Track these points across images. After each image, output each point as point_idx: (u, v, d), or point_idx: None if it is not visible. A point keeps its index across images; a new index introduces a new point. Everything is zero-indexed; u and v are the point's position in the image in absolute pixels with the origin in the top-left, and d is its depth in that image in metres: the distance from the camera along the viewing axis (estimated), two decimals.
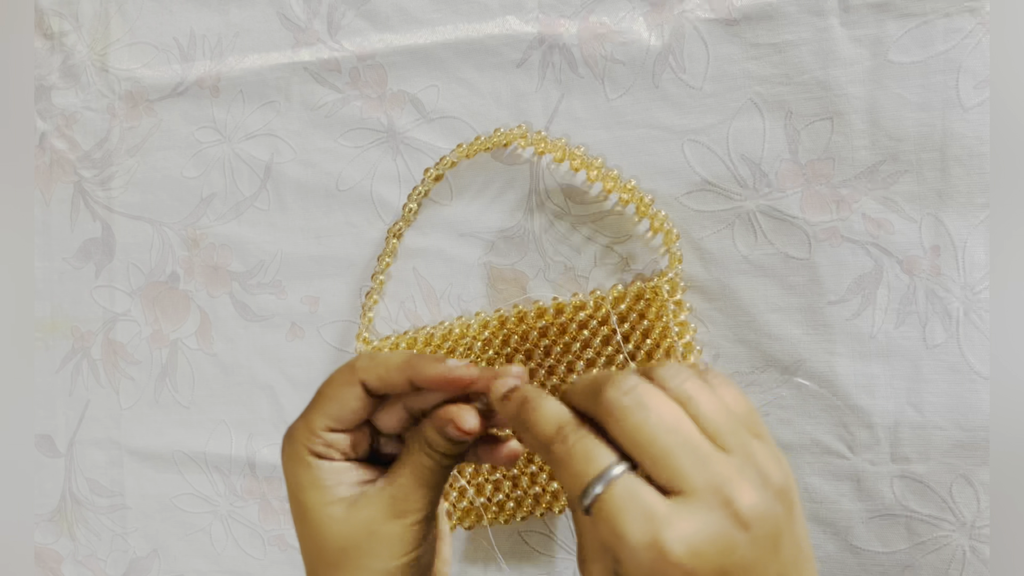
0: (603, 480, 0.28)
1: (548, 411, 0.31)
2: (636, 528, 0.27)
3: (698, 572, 0.27)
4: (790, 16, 0.45)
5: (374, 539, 0.34)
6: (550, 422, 0.31)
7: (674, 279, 0.47)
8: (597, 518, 0.28)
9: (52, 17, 0.59)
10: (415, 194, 0.51)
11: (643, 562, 0.27)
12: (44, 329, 0.61)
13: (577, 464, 0.29)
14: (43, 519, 0.61)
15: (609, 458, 0.29)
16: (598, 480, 0.28)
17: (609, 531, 0.28)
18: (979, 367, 0.44)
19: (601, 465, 0.29)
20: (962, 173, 0.44)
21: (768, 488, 0.28)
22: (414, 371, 0.34)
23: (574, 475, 0.29)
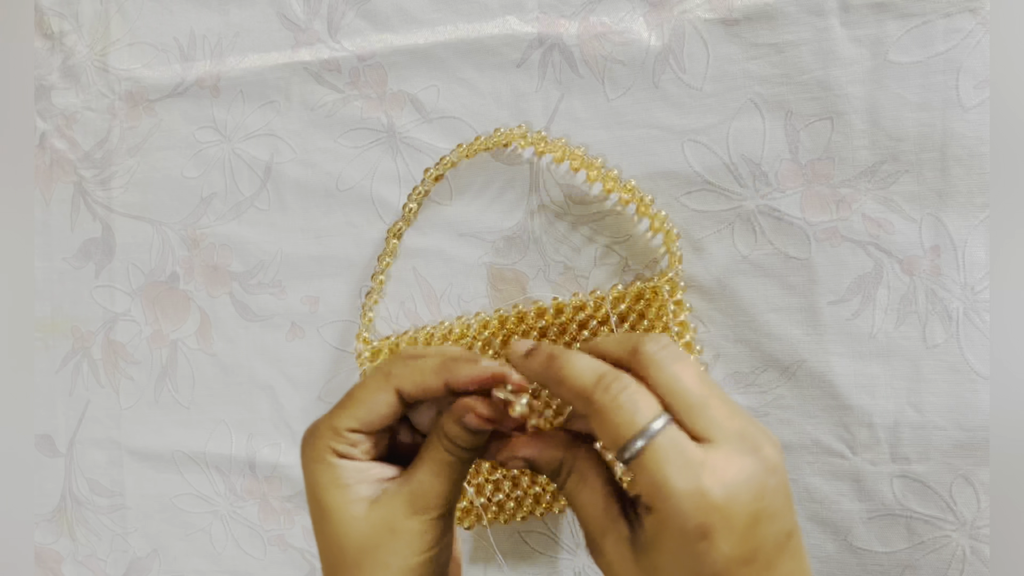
0: (649, 433, 0.29)
1: (583, 361, 0.32)
2: (680, 476, 0.28)
3: (735, 516, 0.28)
4: (790, 16, 0.45)
5: (395, 536, 0.34)
6: (588, 371, 0.31)
7: (674, 279, 0.47)
8: (639, 468, 0.29)
9: (52, 17, 0.59)
10: (415, 194, 0.51)
11: (686, 510, 0.28)
12: (44, 329, 0.61)
13: (624, 414, 0.30)
14: (43, 519, 0.61)
15: (654, 408, 0.30)
16: (644, 432, 0.29)
17: (651, 481, 0.29)
18: (979, 367, 0.44)
19: (648, 415, 0.30)
20: (962, 173, 0.44)
21: (775, 443, 0.30)
22: (451, 375, 0.34)
23: (619, 424, 0.30)
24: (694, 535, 0.28)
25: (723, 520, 0.28)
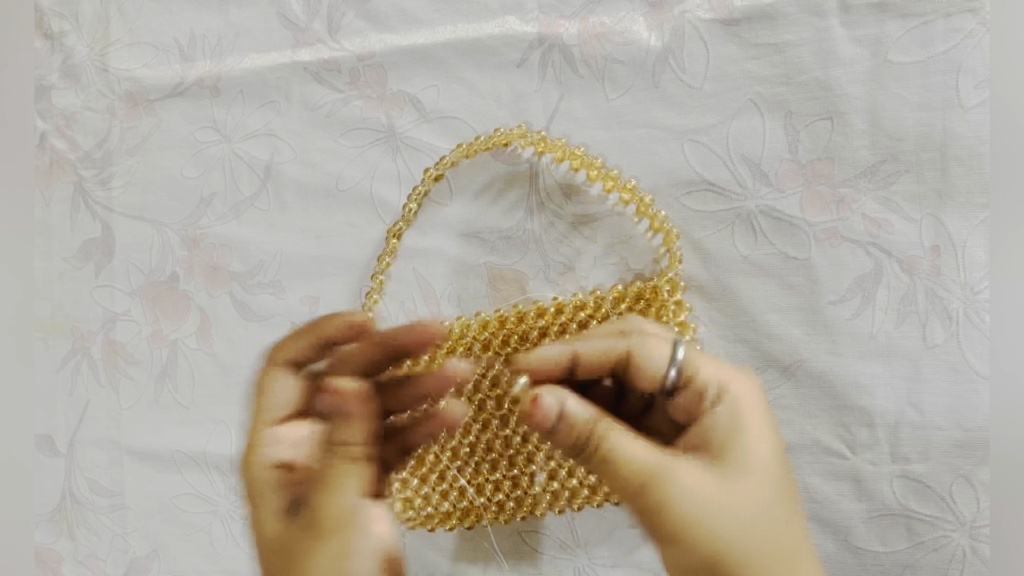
0: (679, 349, 0.33)
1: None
2: (733, 372, 0.33)
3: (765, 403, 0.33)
4: (790, 16, 0.45)
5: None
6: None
7: (674, 279, 0.47)
8: (692, 379, 0.32)
9: (52, 17, 0.59)
10: (415, 194, 0.51)
11: (752, 389, 0.33)
12: (44, 329, 0.61)
13: (653, 356, 0.33)
14: (43, 519, 0.61)
15: (670, 336, 0.34)
16: (673, 361, 0.33)
17: (716, 380, 0.32)
18: (979, 367, 0.44)
19: (671, 339, 0.33)
20: (962, 173, 0.44)
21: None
22: (315, 333, 0.36)
23: (655, 359, 0.33)
24: (764, 402, 0.33)
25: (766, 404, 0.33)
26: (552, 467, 0.48)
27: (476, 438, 0.50)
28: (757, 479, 0.31)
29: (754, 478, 0.31)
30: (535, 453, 0.49)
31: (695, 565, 0.31)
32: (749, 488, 0.31)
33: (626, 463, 0.32)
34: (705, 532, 0.30)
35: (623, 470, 0.32)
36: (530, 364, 0.34)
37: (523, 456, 0.49)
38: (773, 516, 0.32)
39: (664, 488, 0.31)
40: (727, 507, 0.31)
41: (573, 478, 0.48)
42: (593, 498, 0.48)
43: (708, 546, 0.30)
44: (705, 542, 0.30)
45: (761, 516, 0.31)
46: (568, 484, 0.48)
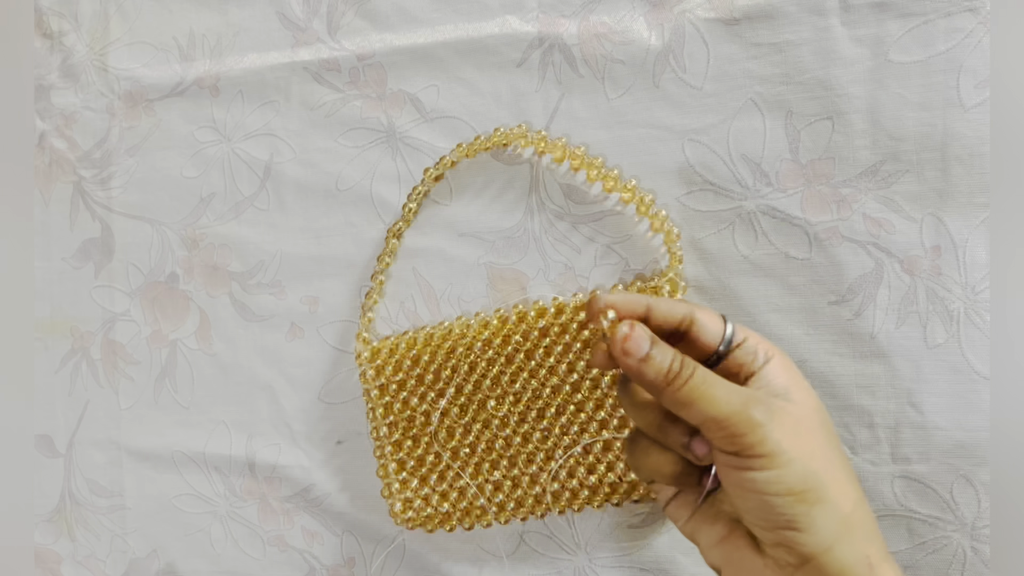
0: (726, 337, 0.37)
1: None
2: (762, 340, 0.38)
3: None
4: (791, 16, 0.45)
5: None
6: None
7: (674, 279, 0.47)
8: (746, 337, 0.37)
9: (51, 17, 0.59)
10: (415, 194, 0.51)
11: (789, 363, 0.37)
12: (43, 329, 0.61)
13: (710, 326, 0.37)
14: (42, 519, 0.61)
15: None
16: (727, 324, 0.37)
17: (760, 342, 0.37)
18: (980, 367, 0.44)
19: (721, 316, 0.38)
20: (963, 173, 0.44)
21: None
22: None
23: (715, 314, 0.37)
24: (800, 372, 0.38)
25: None
26: (554, 468, 0.48)
27: (476, 438, 0.50)
28: (821, 414, 0.36)
29: (819, 413, 0.35)
30: (535, 453, 0.49)
31: (793, 483, 0.33)
32: (818, 418, 0.35)
33: (723, 388, 0.34)
34: (804, 450, 0.33)
35: (721, 393, 0.34)
36: (615, 302, 0.37)
37: (523, 456, 0.49)
38: (837, 443, 0.36)
39: (763, 407, 0.34)
40: (812, 430, 0.34)
41: (574, 478, 0.48)
42: (593, 499, 0.48)
43: (807, 464, 0.33)
44: (804, 459, 0.33)
45: (831, 441, 0.35)
46: (568, 485, 0.48)
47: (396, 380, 0.51)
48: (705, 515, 0.39)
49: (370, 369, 0.51)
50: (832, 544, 0.33)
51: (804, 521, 0.33)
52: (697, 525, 0.39)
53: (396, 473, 0.51)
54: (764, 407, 0.34)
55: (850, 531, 0.33)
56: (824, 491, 0.33)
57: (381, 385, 0.51)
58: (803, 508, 0.33)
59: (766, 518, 0.34)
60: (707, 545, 0.38)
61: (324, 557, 0.55)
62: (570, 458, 0.48)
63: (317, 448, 0.55)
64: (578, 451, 0.48)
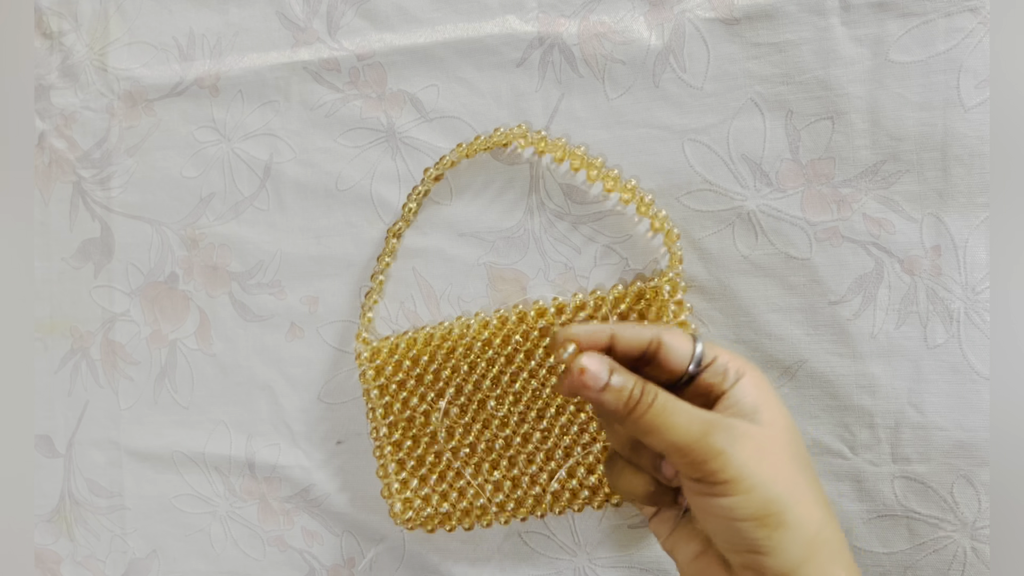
0: (699, 344, 0.37)
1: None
2: (733, 355, 0.37)
3: None
4: (791, 15, 0.45)
5: None
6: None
7: (674, 279, 0.47)
8: (717, 354, 0.37)
9: (51, 17, 0.59)
10: (415, 194, 0.51)
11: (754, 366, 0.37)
12: (43, 329, 0.61)
13: (679, 345, 0.36)
14: (42, 520, 0.61)
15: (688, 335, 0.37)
16: (696, 345, 0.37)
17: (730, 358, 0.36)
18: (980, 367, 0.44)
19: (690, 336, 0.37)
20: (963, 173, 0.44)
21: None
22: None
23: (684, 334, 0.37)
24: (772, 386, 0.37)
25: None
26: (552, 467, 0.48)
27: (476, 438, 0.50)
28: (790, 436, 0.35)
29: (787, 433, 0.35)
30: (535, 453, 0.49)
31: (755, 509, 0.33)
32: (786, 439, 0.35)
33: (683, 414, 0.34)
34: (765, 475, 0.33)
35: (681, 421, 0.34)
36: (577, 335, 0.37)
37: (523, 456, 0.49)
38: (806, 465, 0.35)
39: (724, 433, 0.34)
40: (776, 454, 0.34)
41: (574, 479, 0.48)
42: (593, 499, 0.48)
43: (769, 489, 0.33)
44: (766, 484, 0.33)
45: (798, 463, 0.35)
46: (568, 485, 0.48)
47: (396, 380, 0.51)
48: (682, 533, 0.39)
49: (370, 369, 0.51)
50: (797, 566, 0.33)
51: (767, 545, 0.33)
52: (675, 542, 0.39)
53: (396, 473, 0.51)
54: (725, 433, 0.34)
55: (816, 553, 0.33)
56: (787, 515, 0.33)
57: (381, 385, 0.51)
58: (766, 532, 0.33)
59: (731, 541, 0.34)
60: (683, 562, 0.39)
61: (324, 557, 0.55)
62: (570, 459, 0.48)
63: (317, 448, 0.55)
64: (579, 452, 0.48)
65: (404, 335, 0.51)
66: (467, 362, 0.49)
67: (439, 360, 0.50)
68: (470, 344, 0.49)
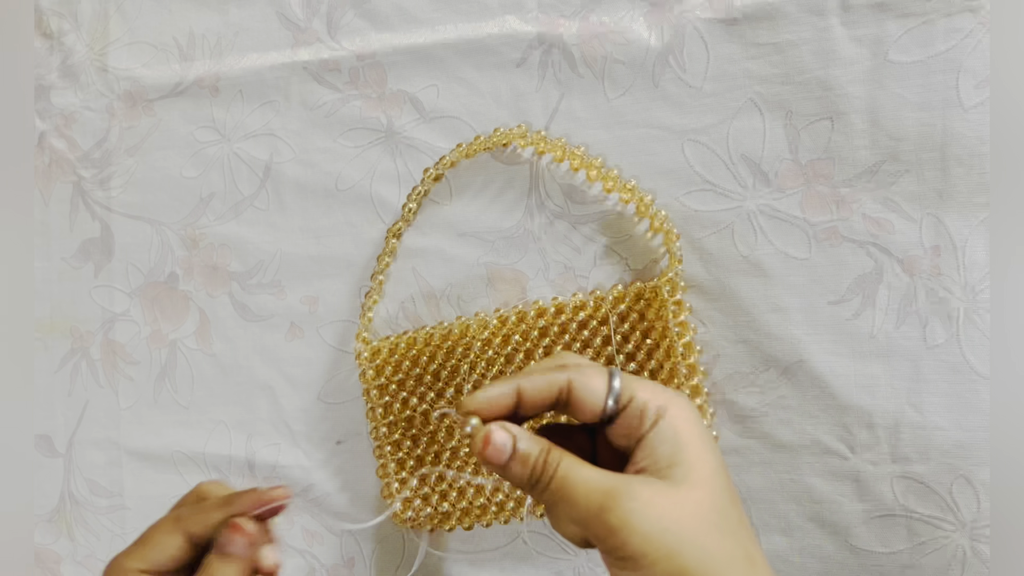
0: (616, 375, 0.35)
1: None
2: (665, 392, 0.35)
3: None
4: (790, 16, 0.45)
5: None
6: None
7: (674, 279, 0.47)
8: (632, 399, 0.34)
9: (51, 17, 0.59)
10: (415, 194, 0.51)
11: (688, 405, 0.35)
12: (43, 329, 0.61)
13: (590, 387, 0.34)
14: (42, 519, 0.61)
15: (603, 367, 0.36)
16: (611, 388, 0.34)
17: (653, 397, 0.34)
18: (979, 367, 0.44)
19: (606, 369, 0.35)
20: (962, 173, 0.44)
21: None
22: (233, 506, 0.37)
23: (597, 375, 0.35)
24: (701, 426, 0.34)
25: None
26: None
27: None
28: (706, 490, 0.32)
29: (703, 489, 0.32)
30: None
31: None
32: (700, 499, 0.32)
33: (582, 486, 0.33)
34: (669, 547, 0.31)
35: (580, 494, 0.32)
36: (478, 404, 0.35)
37: None
38: (726, 526, 0.32)
39: (623, 505, 0.31)
40: (684, 520, 0.32)
41: None
42: None
43: (674, 561, 0.31)
44: (670, 557, 0.31)
45: (715, 527, 0.32)
46: None
47: (396, 380, 0.51)
48: None
49: (370, 369, 0.51)
50: None
51: None
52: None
53: (396, 473, 0.51)
54: (622, 510, 0.31)
55: None
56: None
57: (381, 385, 0.51)
58: None
59: None
60: None
61: (324, 557, 0.55)
62: None
63: (317, 448, 0.55)
64: None
65: (404, 335, 0.51)
66: (467, 362, 0.49)
67: (439, 360, 0.50)
68: (470, 344, 0.49)
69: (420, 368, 0.50)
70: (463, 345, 0.50)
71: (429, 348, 0.50)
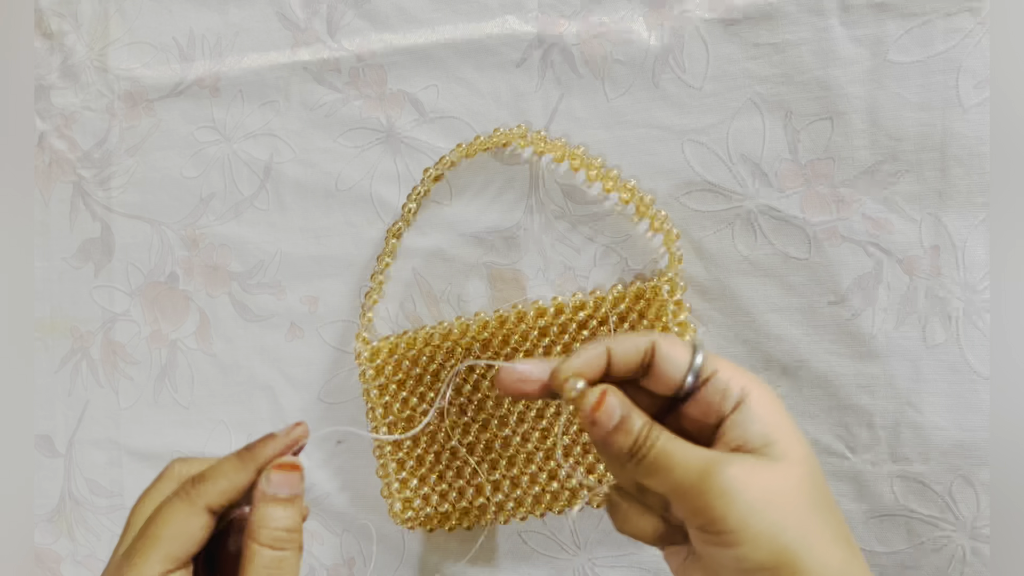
0: (701, 349, 0.33)
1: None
2: (740, 373, 0.34)
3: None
4: (790, 16, 0.45)
5: None
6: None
7: (674, 279, 0.47)
8: (715, 371, 0.33)
9: (52, 17, 0.59)
10: (415, 194, 0.51)
11: (767, 387, 0.33)
12: (43, 329, 0.61)
13: (676, 355, 0.33)
14: (42, 519, 0.61)
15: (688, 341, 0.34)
16: (694, 356, 0.33)
17: (733, 378, 0.33)
18: (979, 367, 0.44)
19: (690, 342, 0.34)
20: (962, 173, 0.44)
21: None
22: (257, 459, 0.35)
23: (680, 344, 0.34)
24: (784, 407, 0.33)
25: None
26: (552, 467, 0.48)
27: (476, 438, 0.50)
28: (805, 468, 0.31)
29: (802, 467, 0.31)
30: (535, 453, 0.49)
31: (762, 559, 0.30)
32: (801, 476, 0.31)
33: (681, 458, 0.31)
34: (774, 520, 0.30)
35: (678, 466, 0.31)
36: (579, 368, 0.34)
37: (523, 456, 0.49)
38: (826, 505, 0.31)
39: (724, 476, 0.30)
40: (787, 496, 0.30)
41: (572, 478, 0.48)
42: (593, 499, 0.48)
43: (776, 537, 0.30)
44: (773, 532, 0.30)
45: (816, 505, 0.31)
46: (568, 484, 0.48)
47: (396, 380, 0.51)
48: (695, 566, 0.35)
49: (370, 369, 0.51)
50: None
51: None
52: (687, 573, 0.35)
53: (396, 473, 0.51)
54: (723, 478, 0.30)
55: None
56: (800, 563, 0.30)
57: (381, 385, 0.51)
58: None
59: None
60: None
61: (324, 557, 0.55)
62: (570, 458, 0.48)
63: (317, 448, 0.55)
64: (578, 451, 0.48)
65: (404, 335, 0.51)
66: (467, 362, 0.49)
67: (439, 360, 0.50)
68: (470, 344, 0.49)
69: (420, 368, 0.50)
70: (463, 345, 0.50)
71: (429, 348, 0.50)
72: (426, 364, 0.50)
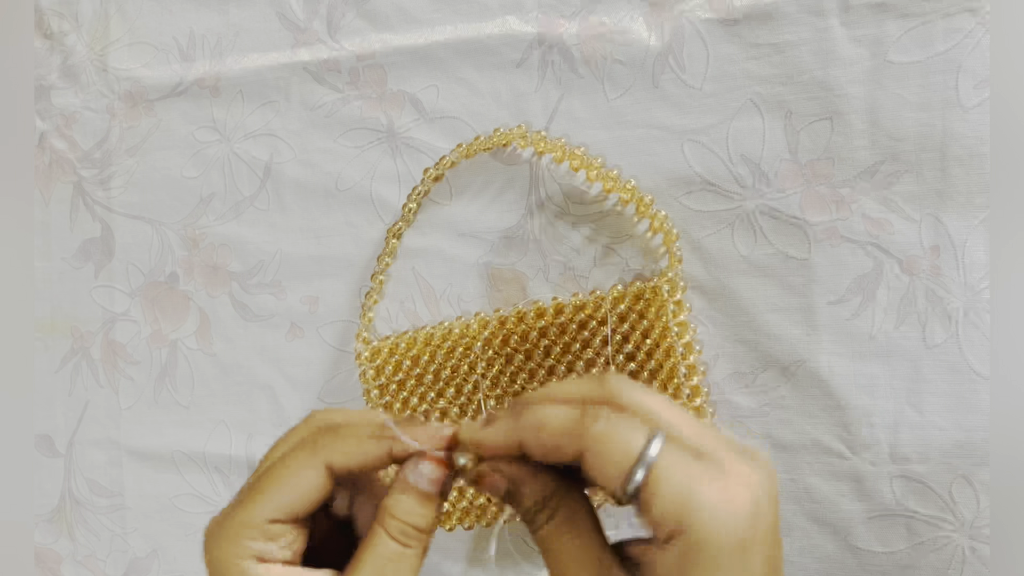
0: (649, 456, 0.26)
1: (554, 404, 0.29)
2: (707, 489, 0.26)
3: (762, 525, 0.26)
4: (790, 16, 0.45)
5: None
6: (566, 409, 0.28)
7: (674, 279, 0.47)
8: (653, 493, 0.26)
9: (52, 17, 0.59)
10: (415, 194, 0.51)
11: (722, 523, 0.26)
12: (43, 329, 0.61)
13: (622, 440, 0.26)
14: (42, 519, 0.61)
15: (647, 429, 0.27)
16: (644, 457, 0.26)
17: (673, 501, 0.26)
18: (979, 367, 0.44)
19: (646, 433, 0.27)
20: (962, 173, 0.44)
21: (760, 448, 0.30)
22: (395, 438, 0.30)
23: (621, 449, 0.26)
24: (736, 549, 0.26)
25: (756, 530, 0.26)
26: None
27: None
28: None
29: None
30: None
31: None
32: None
33: (571, 557, 0.28)
34: None
35: (565, 565, 0.28)
36: (479, 443, 0.30)
37: None
38: None
39: None
40: None
41: None
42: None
43: None
44: None
45: None
46: None
47: (396, 380, 0.51)
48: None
49: (370, 369, 0.51)
50: None
51: None
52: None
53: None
54: None
55: None
56: None
57: (381, 385, 0.51)
58: None
59: None
60: None
61: None
62: None
63: None
64: None
65: (404, 335, 0.51)
66: (467, 362, 0.49)
67: (439, 360, 0.50)
68: (470, 344, 0.49)
69: (420, 368, 0.50)
70: (463, 345, 0.50)
71: (429, 348, 0.50)
72: (426, 364, 0.50)
